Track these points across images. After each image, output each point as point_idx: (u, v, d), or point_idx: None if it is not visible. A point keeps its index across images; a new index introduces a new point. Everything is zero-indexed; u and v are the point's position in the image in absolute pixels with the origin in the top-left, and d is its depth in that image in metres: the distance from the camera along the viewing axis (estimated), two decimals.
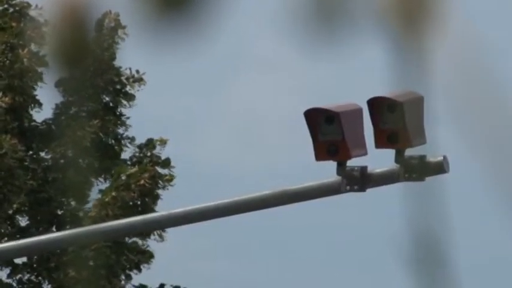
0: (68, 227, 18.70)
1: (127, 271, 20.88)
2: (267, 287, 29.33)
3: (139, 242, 20.29)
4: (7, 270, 19.83)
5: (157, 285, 21.35)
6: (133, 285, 21.13)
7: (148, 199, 20.58)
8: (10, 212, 20.17)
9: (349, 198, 12.92)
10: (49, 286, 19.88)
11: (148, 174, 20.65)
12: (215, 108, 33.22)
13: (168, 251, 21.49)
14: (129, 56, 19.84)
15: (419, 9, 0.88)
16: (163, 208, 19.32)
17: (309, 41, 0.87)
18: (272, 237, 28.10)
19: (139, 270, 20.96)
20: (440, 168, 12.26)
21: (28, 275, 20.42)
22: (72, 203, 19.72)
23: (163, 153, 21.30)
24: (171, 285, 21.35)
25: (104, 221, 18.27)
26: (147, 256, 20.76)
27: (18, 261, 19.81)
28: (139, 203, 20.38)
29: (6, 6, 20.57)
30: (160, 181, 21.04)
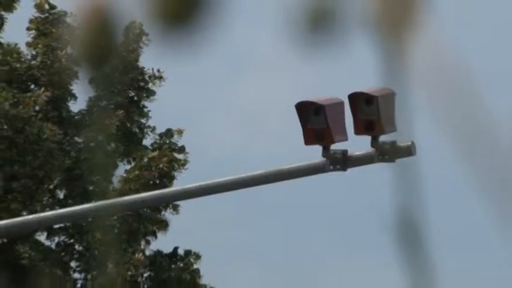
0: (96, 199, 18.76)
1: (146, 237, 20.76)
2: (272, 253, 29.33)
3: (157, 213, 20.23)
4: (45, 235, 19.83)
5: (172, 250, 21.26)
6: (151, 249, 20.98)
7: (165, 180, 20.42)
8: (51, 186, 20.04)
9: (351, 177, 12.97)
10: (80, 247, 19.74)
11: (167, 158, 20.54)
12: (224, 103, 33.57)
13: (182, 222, 21.53)
14: (150, 58, 20.22)
15: (403, 15, 0.82)
16: (178, 184, 19.75)
17: (303, 44, 0.86)
18: (276, 210, 28.21)
19: (156, 237, 20.89)
20: (409, 151, 12.08)
21: (63, 237, 20.31)
22: (100, 179, 19.77)
23: (179, 141, 21.04)
24: (184, 249, 21.15)
25: (127, 194, 18.03)
26: (163, 225, 20.67)
27: (56, 226, 19.81)
28: (158, 182, 20.28)
29: (47, 14, 20.42)
30: (176, 164, 20.82)
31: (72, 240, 20.46)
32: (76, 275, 20.65)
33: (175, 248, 21.50)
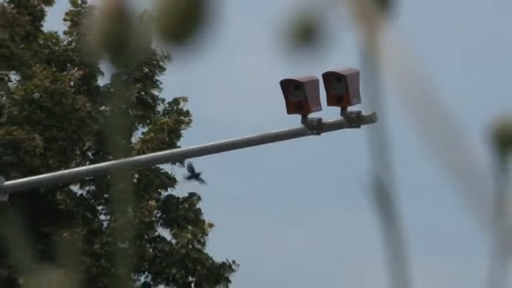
0: (118, 157, 18.62)
1: (159, 189, 20.82)
2: (262, 201, 28.92)
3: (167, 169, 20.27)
4: (78, 185, 19.90)
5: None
6: (163, 195, 21.01)
7: (173, 135, 20.36)
8: (84, 148, 20.15)
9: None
10: (105, 195, 19.73)
11: (173, 118, 20.62)
12: (222, 78, 33.61)
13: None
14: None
15: (374, 19, 0.69)
16: (184, 145, 19.21)
17: (288, 53, 0.68)
18: (266, 168, 27.54)
19: (167, 190, 21.00)
20: (372, 119, 11.58)
21: (92, 187, 20.40)
22: (122, 140, 19.32)
23: (184, 107, 21.01)
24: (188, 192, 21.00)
25: (144, 153, 18.45)
26: (172, 180, 20.76)
27: (86, 178, 20.07)
28: (167, 139, 20.21)
29: (80, 8, 20.37)
30: (182, 124, 20.79)
31: (99, 190, 20.50)
32: (102, 217, 20.58)
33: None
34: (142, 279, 20.12)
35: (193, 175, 18.42)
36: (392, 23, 0.52)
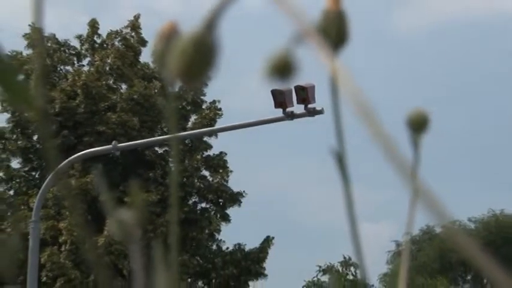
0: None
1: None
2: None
3: None
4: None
5: None
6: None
7: (212, 122, 21.28)
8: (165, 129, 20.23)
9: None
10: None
11: (213, 112, 21.86)
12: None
13: None
14: None
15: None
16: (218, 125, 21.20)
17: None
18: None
19: (207, 151, 21.85)
20: (321, 112, 13.77)
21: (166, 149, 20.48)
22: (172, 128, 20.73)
23: (218, 105, 22.17)
24: None
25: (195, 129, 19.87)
26: (209, 146, 21.77)
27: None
28: (209, 123, 21.18)
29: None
30: (217, 115, 21.85)
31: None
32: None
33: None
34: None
35: None
36: (341, 57, 0.63)
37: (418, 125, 0.81)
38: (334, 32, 0.65)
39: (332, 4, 0.66)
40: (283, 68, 0.52)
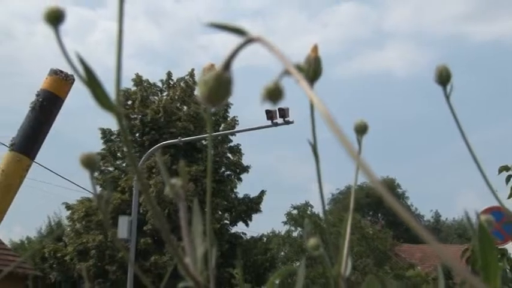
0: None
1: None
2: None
3: None
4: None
5: None
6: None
7: (226, 125, 24.16)
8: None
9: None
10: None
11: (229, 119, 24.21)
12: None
13: None
14: None
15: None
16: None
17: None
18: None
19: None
20: (292, 122, 15.69)
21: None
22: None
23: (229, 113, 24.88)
24: None
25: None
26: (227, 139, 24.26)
27: None
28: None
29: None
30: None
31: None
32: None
33: None
34: None
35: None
36: (314, 86, 0.76)
37: (360, 129, 1.05)
38: (312, 70, 0.83)
39: (312, 52, 0.86)
40: (274, 94, 0.63)
